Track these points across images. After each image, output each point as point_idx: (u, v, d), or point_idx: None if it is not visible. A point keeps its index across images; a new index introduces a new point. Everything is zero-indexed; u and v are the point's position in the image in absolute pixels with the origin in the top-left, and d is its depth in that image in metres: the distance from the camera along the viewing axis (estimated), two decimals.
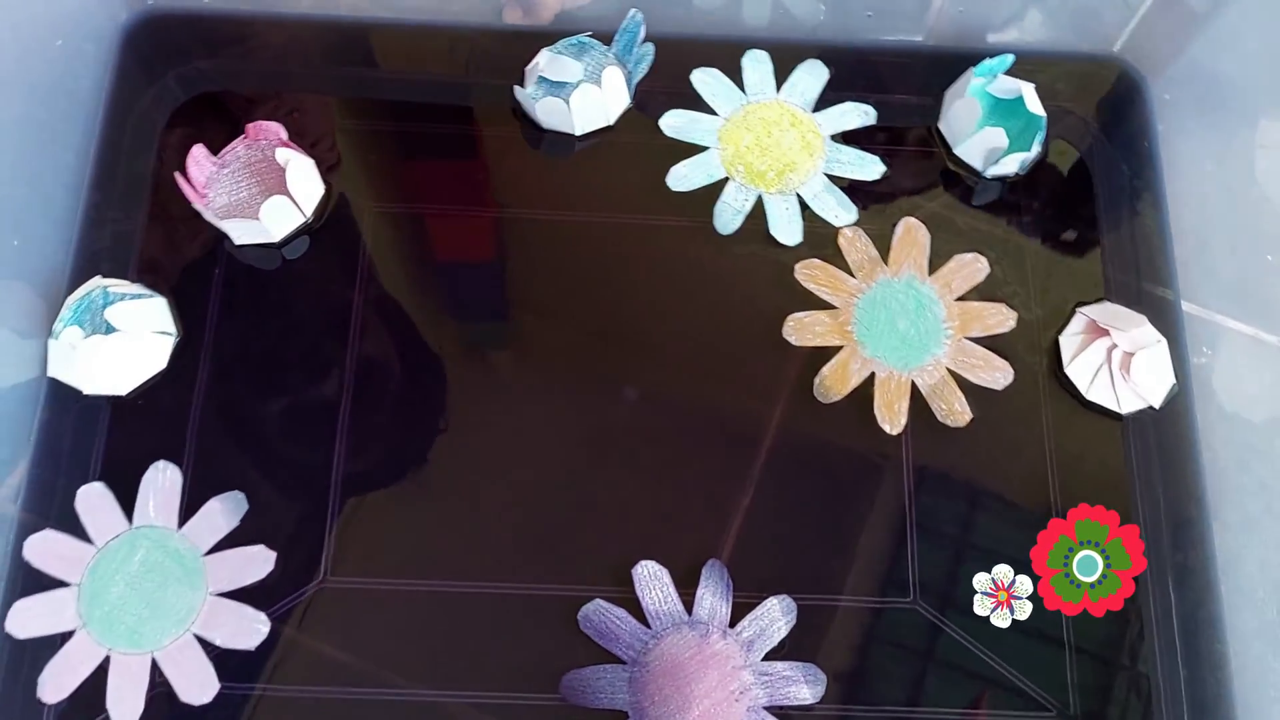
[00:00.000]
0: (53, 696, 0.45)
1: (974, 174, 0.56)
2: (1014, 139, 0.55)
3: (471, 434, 0.51)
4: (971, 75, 0.55)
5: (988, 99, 0.56)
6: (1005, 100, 0.56)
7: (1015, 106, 0.56)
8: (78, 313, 0.50)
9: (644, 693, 0.45)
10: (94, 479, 0.48)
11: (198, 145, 0.54)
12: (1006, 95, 0.55)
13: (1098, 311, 0.53)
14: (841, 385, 0.51)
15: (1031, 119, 0.55)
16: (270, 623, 0.46)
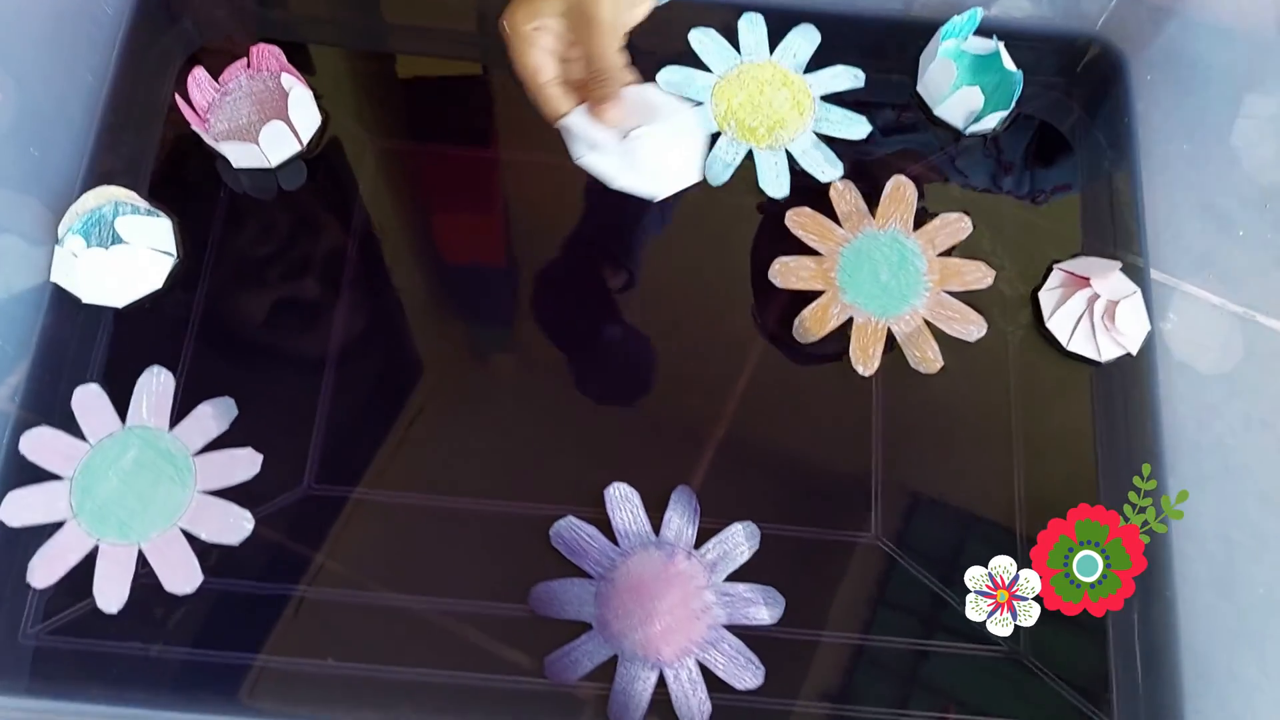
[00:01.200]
0: (42, 582, 0.47)
1: (954, 132, 0.59)
2: (990, 96, 0.58)
3: (456, 358, 0.53)
4: (940, 40, 0.58)
5: (963, 59, 0.59)
6: (981, 59, 0.59)
7: (990, 64, 0.59)
8: (86, 224, 0.53)
9: (608, 607, 0.48)
10: (90, 382, 0.51)
11: (198, 68, 0.57)
12: (982, 51, 0.59)
13: (1075, 264, 0.55)
14: (820, 327, 0.54)
15: (1006, 76, 0.58)
16: (255, 521, 0.48)
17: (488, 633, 0.48)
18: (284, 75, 0.56)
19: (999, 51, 0.58)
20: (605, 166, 0.45)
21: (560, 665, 0.47)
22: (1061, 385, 0.55)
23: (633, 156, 0.45)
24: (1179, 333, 0.55)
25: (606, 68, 0.43)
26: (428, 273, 0.55)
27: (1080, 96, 0.61)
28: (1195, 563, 0.51)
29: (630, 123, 0.44)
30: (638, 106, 0.44)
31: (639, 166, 0.45)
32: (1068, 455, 0.53)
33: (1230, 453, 0.51)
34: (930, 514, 0.51)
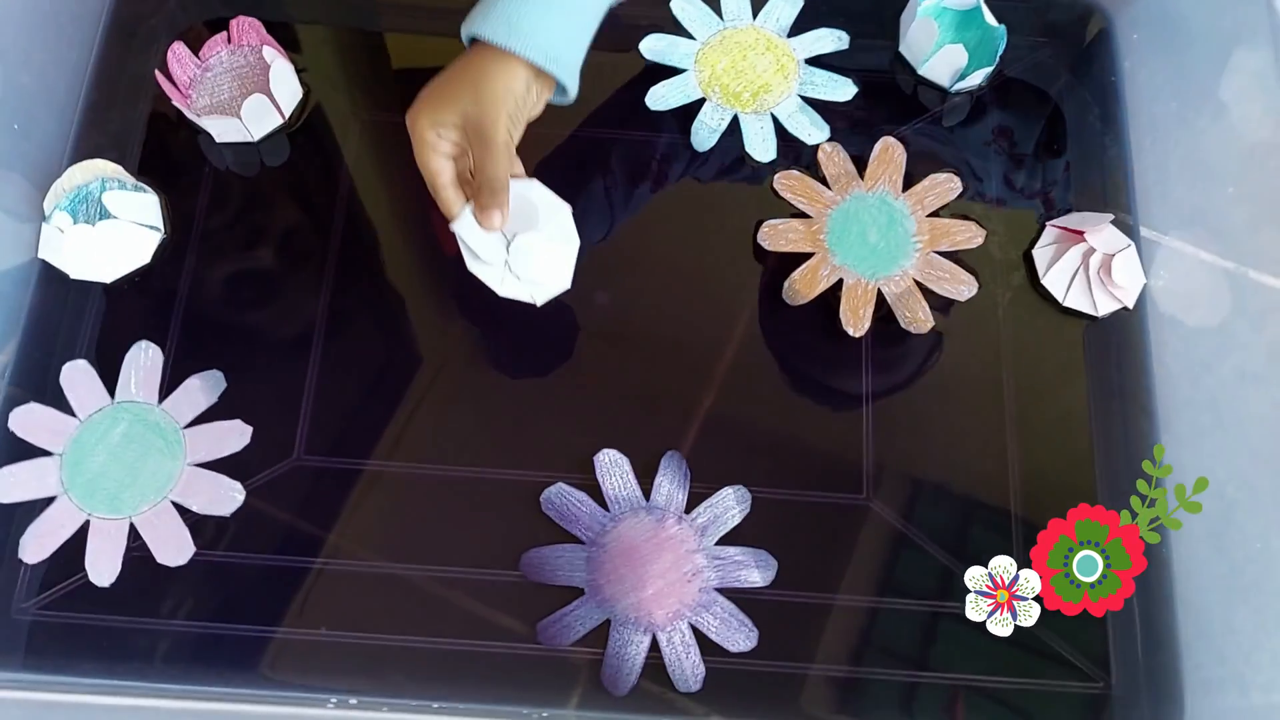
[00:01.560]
0: (34, 557, 0.48)
1: (940, 92, 0.59)
2: (974, 53, 0.58)
3: (444, 327, 0.54)
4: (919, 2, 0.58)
5: (945, 16, 0.59)
6: (962, 15, 0.60)
7: (972, 20, 0.59)
8: (73, 201, 0.53)
9: (600, 571, 0.48)
10: (78, 358, 0.51)
11: (178, 43, 0.57)
12: (962, 7, 0.59)
13: (1068, 220, 0.55)
14: (809, 289, 0.54)
15: (989, 31, 0.58)
16: (246, 491, 0.49)
17: (480, 599, 0.48)
18: (265, 48, 0.56)
19: (980, 6, 0.58)
20: (489, 276, 0.49)
21: (553, 630, 0.47)
22: (1052, 342, 0.55)
23: (513, 268, 0.49)
24: (1170, 289, 0.55)
25: (494, 180, 0.46)
26: (413, 243, 0.55)
27: (1067, 57, 0.61)
28: (1189, 519, 0.50)
29: (512, 226, 0.48)
30: (519, 208, 0.48)
31: (519, 276, 0.49)
32: (1060, 411, 0.53)
33: (1223, 407, 0.50)
34: (922, 474, 0.51)
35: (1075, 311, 0.55)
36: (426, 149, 0.45)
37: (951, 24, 0.60)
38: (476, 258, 0.48)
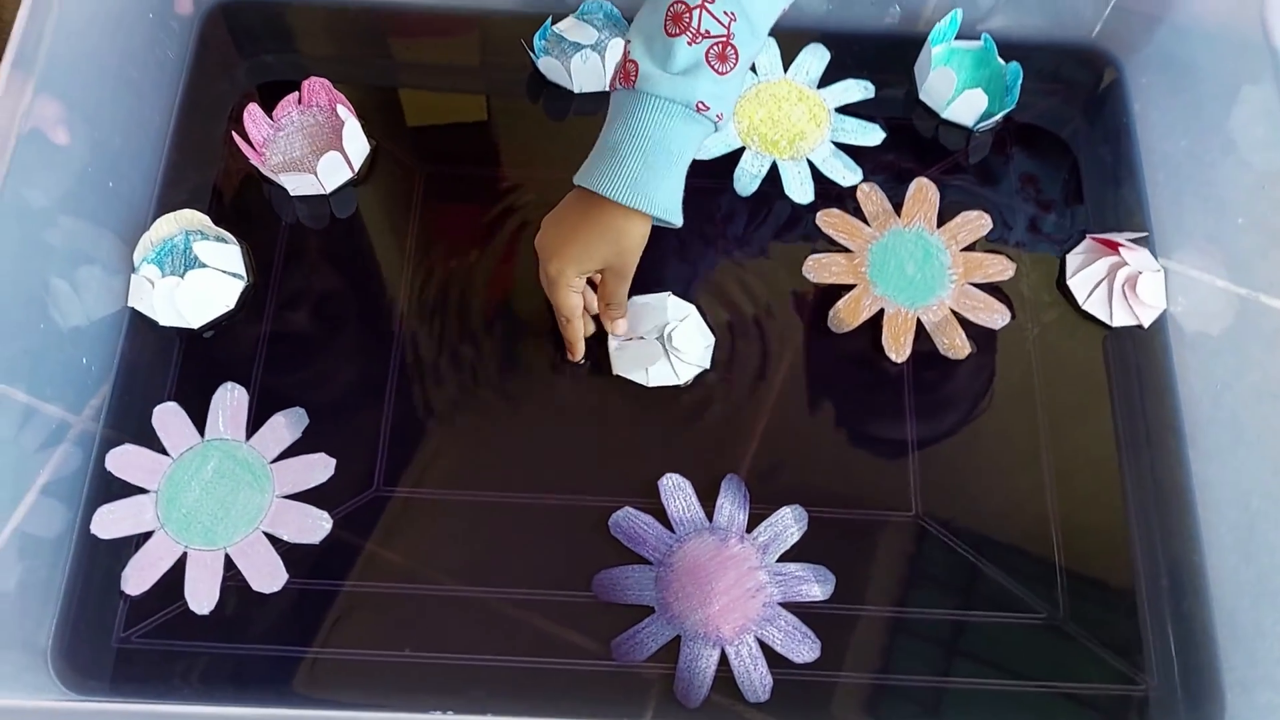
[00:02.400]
0: (136, 589, 0.51)
1: (964, 130, 0.64)
2: (990, 90, 0.64)
3: (513, 360, 0.58)
4: (931, 50, 0.64)
5: (957, 58, 0.65)
6: (975, 55, 0.65)
7: (985, 59, 0.65)
8: (160, 253, 0.57)
9: (669, 590, 0.51)
10: (168, 400, 0.55)
11: (253, 104, 0.61)
12: (972, 47, 0.65)
13: (1107, 235, 0.60)
14: (853, 318, 0.58)
15: (1002, 69, 0.64)
16: (333, 520, 0.52)
17: (555, 619, 0.51)
18: (339, 106, 0.61)
19: (990, 45, 0.64)
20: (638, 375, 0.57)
21: (626, 647, 0.51)
22: (1082, 364, 0.59)
23: (680, 353, 0.57)
24: (1189, 315, 0.59)
25: (622, 301, 0.55)
26: (478, 286, 0.60)
27: (1080, 101, 0.66)
28: (1218, 529, 0.54)
29: (644, 329, 0.57)
30: (652, 314, 0.57)
31: (685, 356, 0.57)
32: (1091, 427, 0.57)
33: (1243, 426, 0.54)
34: (966, 490, 0.55)
35: (1090, 317, 0.59)
36: (567, 292, 0.53)
37: (965, 63, 0.65)
38: (630, 364, 0.56)
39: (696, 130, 0.49)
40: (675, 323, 0.57)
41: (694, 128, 0.49)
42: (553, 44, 0.66)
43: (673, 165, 0.49)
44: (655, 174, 0.49)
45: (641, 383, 0.56)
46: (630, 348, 0.56)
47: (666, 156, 0.49)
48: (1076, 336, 0.60)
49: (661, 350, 0.56)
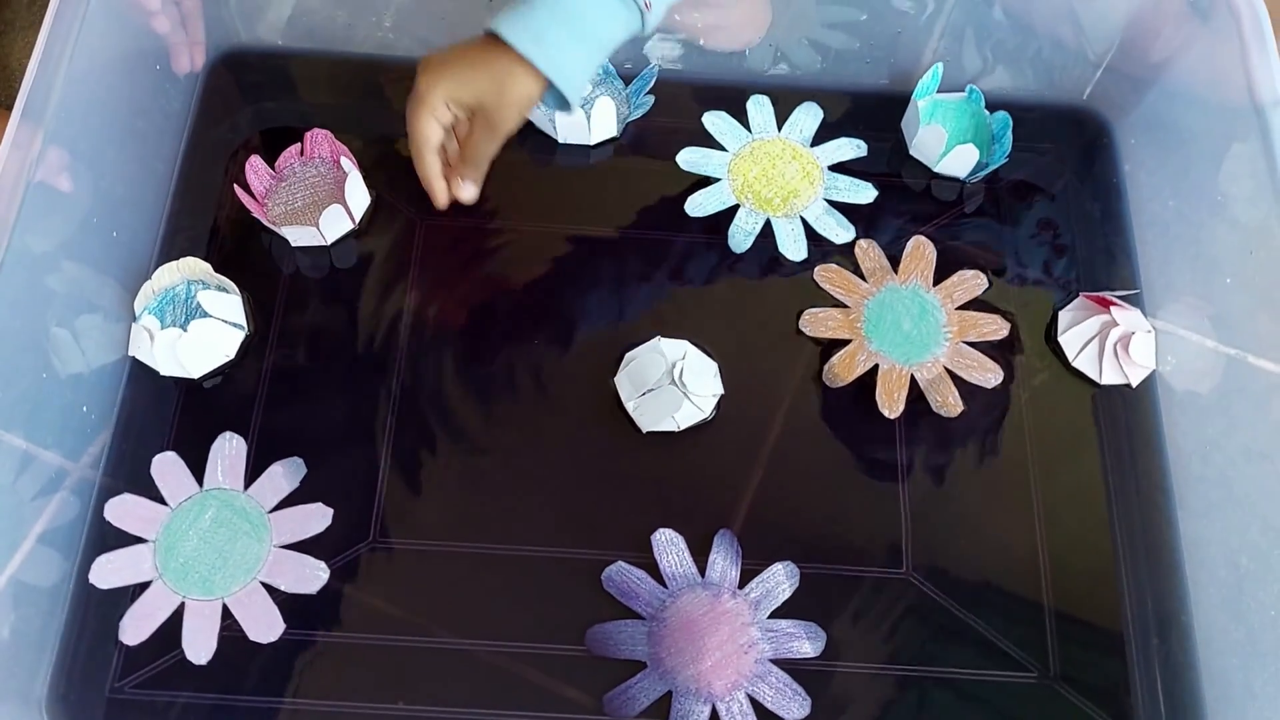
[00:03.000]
0: (133, 639, 0.52)
1: (955, 180, 0.67)
2: (979, 140, 0.67)
3: (507, 414, 0.59)
4: (917, 105, 0.66)
5: (944, 110, 0.68)
6: (963, 106, 0.68)
7: (972, 108, 0.68)
8: (161, 302, 0.59)
9: (661, 645, 0.52)
10: (167, 449, 0.56)
11: (254, 156, 0.63)
12: (956, 99, 0.67)
13: (1100, 294, 0.62)
14: (848, 373, 0.60)
15: (989, 119, 0.67)
16: (330, 570, 0.53)
17: (548, 673, 0.52)
18: (343, 159, 0.63)
19: (978, 95, 0.67)
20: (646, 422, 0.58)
21: (618, 702, 0.51)
22: (1071, 424, 0.60)
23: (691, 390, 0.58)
24: (1178, 374, 0.60)
25: (484, 159, 0.54)
26: (475, 338, 0.61)
27: (1071, 161, 0.68)
28: (1207, 589, 0.55)
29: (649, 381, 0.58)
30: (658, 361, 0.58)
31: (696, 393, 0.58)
32: (1081, 487, 0.59)
33: (1232, 484, 0.56)
34: (957, 547, 0.56)
35: (1079, 374, 0.61)
36: (428, 114, 0.52)
37: (950, 115, 0.68)
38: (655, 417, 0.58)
39: (620, 12, 0.50)
40: (678, 362, 0.58)
41: (618, 8, 0.49)
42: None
43: (585, 38, 0.50)
44: (563, 37, 0.49)
45: (672, 430, 0.57)
46: (649, 401, 0.57)
47: (580, 24, 0.49)
48: (1066, 394, 0.61)
49: (680, 394, 0.57)
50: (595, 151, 0.67)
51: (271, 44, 0.69)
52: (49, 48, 0.54)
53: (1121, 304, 0.61)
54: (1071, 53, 0.67)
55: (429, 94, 0.51)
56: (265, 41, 0.69)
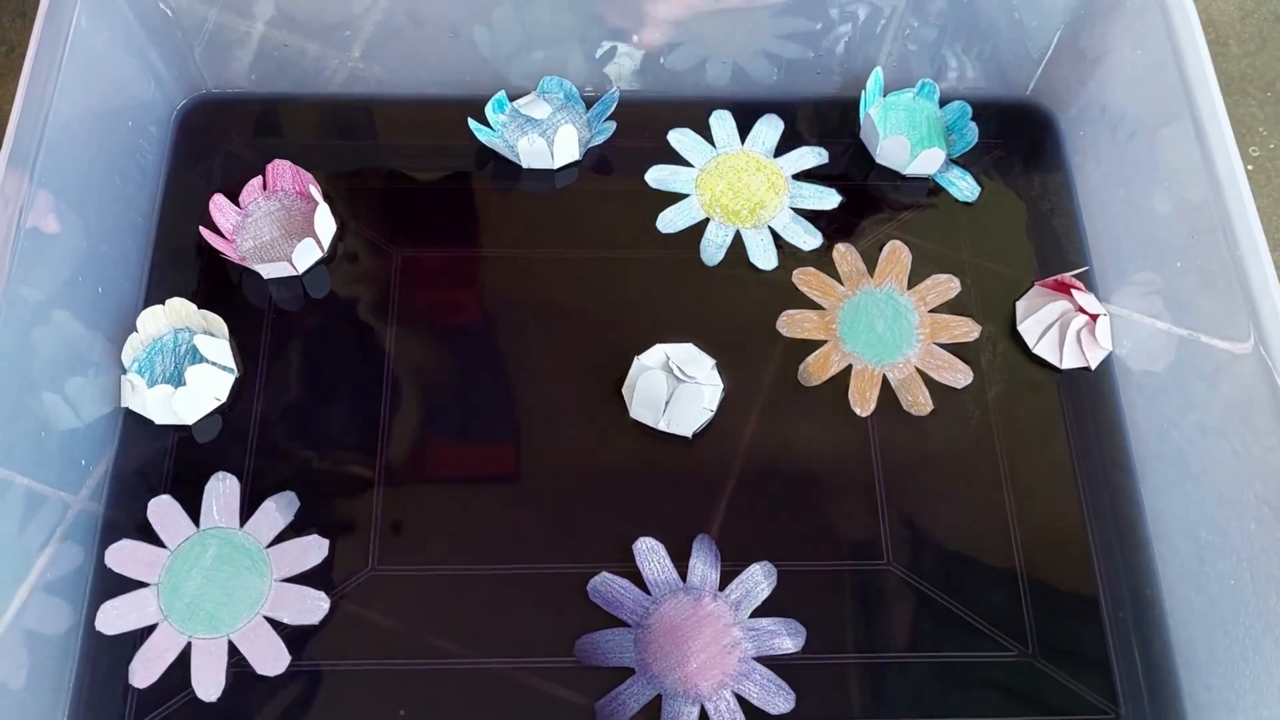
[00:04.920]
0: (143, 681, 0.56)
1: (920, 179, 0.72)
2: (935, 139, 0.72)
3: (491, 442, 0.63)
4: (870, 117, 0.71)
5: (899, 117, 0.72)
6: (907, 106, 0.73)
7: (922, 105, 0.72)
8: (150, 353, 0.63)
9: (647, 651, 0.56)
10: (162, 493, 0.60)
11: (217, 195, 0.68)
12: (906, 97, 0.73)
13: (1056, 277, 0.67)
14: (821, 372, 0.65)
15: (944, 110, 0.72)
16: (330, 600, 0.57)
17: (542, 684, 0.56)
18: (311, 186, 0.67)
19: (930, 88, 0.72)
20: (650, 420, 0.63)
21: (610, 709, 0.56)
22: (1037, 409, 0.65)
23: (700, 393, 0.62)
24: (1134, 355, 0.65)
25: None
26: (456, 366, 0.65)
27: (1019, 156, 0.73)
28: (1170, 562, 0.60)
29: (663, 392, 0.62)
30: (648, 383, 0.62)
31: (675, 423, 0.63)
32: (1049, 470, 0.63)
33: (1189, 460, 0.60)
34: (935, 536, 0.61)
35: (1040, 360, 0.66)
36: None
37: (904, 115, 0.73)
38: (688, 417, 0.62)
39: None
40: (668, 359, 0.63)
41: None
42: (509, 119, 0.72)
43: None
44: None
45: (709, 418, 0.62)
46: (676, 409, 0.61)
47: None
48: (1030, 380, 0.66)
49: (699, 387, 0.62)
50: (560, 176, 0.71)
51: (240, 89, 0.73)
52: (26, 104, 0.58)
53: (1079, 285, 0.65)
54: (1014, 49, 0.72)
55: None
56: (234, 86, 0.73)
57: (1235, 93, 0.78)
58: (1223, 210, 0.59)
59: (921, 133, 0.72)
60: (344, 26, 0.70)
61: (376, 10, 0.71)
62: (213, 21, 0.69)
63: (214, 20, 0.69)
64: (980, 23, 0.71)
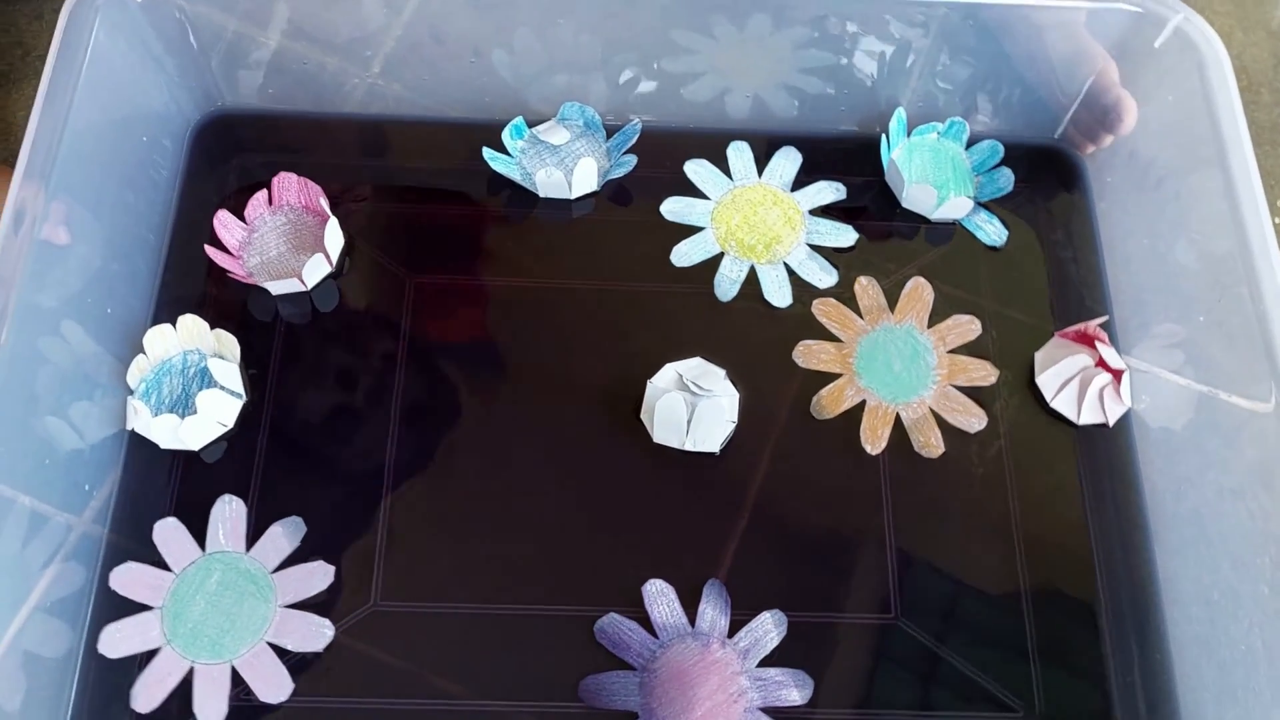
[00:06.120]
0: (145, 707, 0.57)
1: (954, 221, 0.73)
2: (962, 182, 0.73)
3: (501, 474, 0.64)
4: (894, 161, 0.71)
5: (923, 159, 0.73)
6: (933, 148, 0.74)
7: (946, 147, 0.74)
8: (159, 374, 0.64)
9: (652, 695, 0.57)
10: (168, 515, 0.61)
11: (222, 211, 0.69)
12: (929, 140, 0.74)
13: (1076, 328, 0.68)
14: (835, 406, 0.66)
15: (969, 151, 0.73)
16: (334, 628, 0.59)
17: None
18: (320, 199, 0.68)
19: (960, 127, 0.73)
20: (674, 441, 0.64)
21: None
22: (1052, 464, 0.66)
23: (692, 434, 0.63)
24: (1153, 411, 0.66)
25: None
26: (467, 394, 0.66)
27: (1044, 201, 0.74)
28: (1181, 625, 0.61)
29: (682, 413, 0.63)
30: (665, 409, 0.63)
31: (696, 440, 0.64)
32: (1062, 526, 0.64)
33: (1205, 521, 0.61)
34: (945, 592, 0.62)
35: (1057, 414, 0.66)
36: None
37: (929, 158, 0.74)
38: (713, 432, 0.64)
39: None
40: (680, 376, 0.64)
41: None
42: (528, 144, 0.73)
43: None
44: None
45: (733, 429, 0.64)
46: (699, 428, 0.63)
47: None
48: (1046, 434, 0.67)
49: (718, 400, 0.63)
50: (577, 205, 0.72)
51: (256, 105, 0.74)
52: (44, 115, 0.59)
53: (1103, 336, 0.66)
54: (1043, 93, 0.73)
55: None
56: (251, 101, 0.74)
57: (1265, 142, 0.79)
58: (1249, 265, 0.60)
59: (947, 175, 0.73)
60: (364, 43, 0.71)
61: (398, 26, 0.72)
62: (231, 34, 0.70)
63: (232, 33, 0.70)
64: (1009, 65, 0.72)
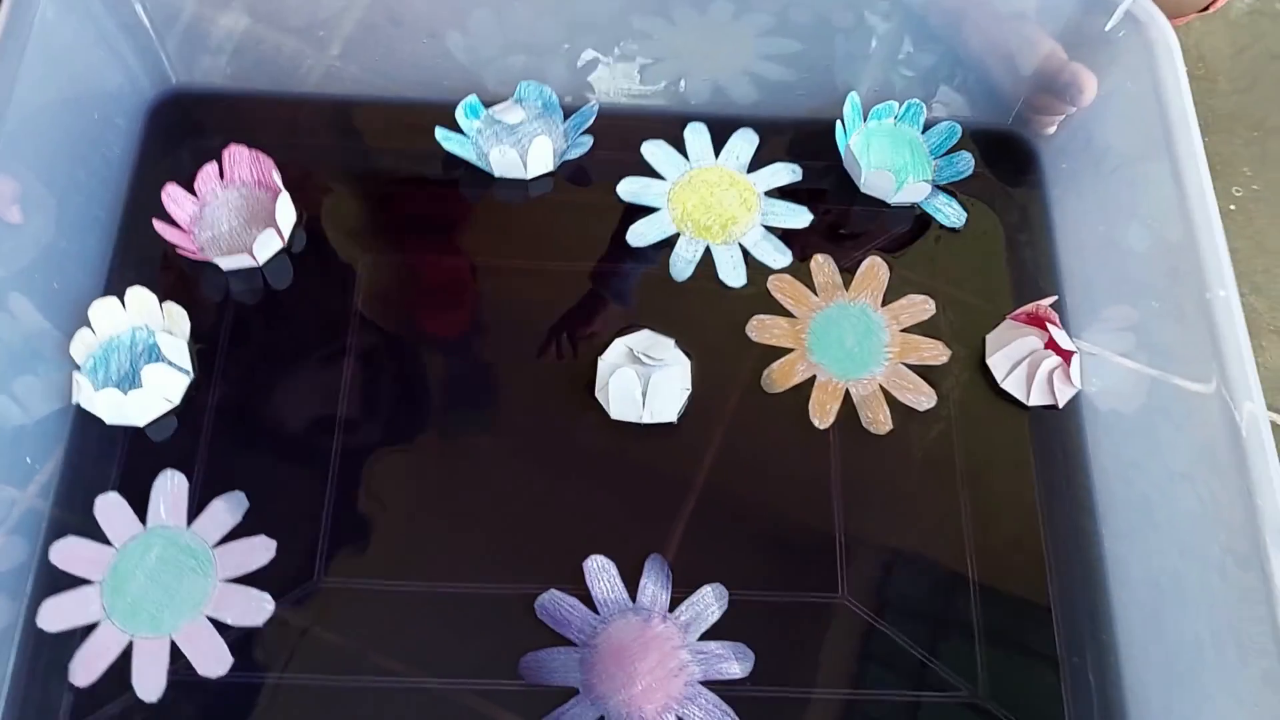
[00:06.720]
0: (83, 680, 0.57)
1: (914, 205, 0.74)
2: (919, 166, 0.74)
3: (451, 455, 0.65)
4: (851, 149, 0.72)
5: (881, 144, 0.74)
6: (890, 132, 0.75)
7: (904, 132, 0.74)
8: (106, 351, 0.65)
9: (593, 671, 0.58)
10: (111, 490, 0.62)
11: (170, 184, 0.69)
12: (886, 126, 0.75)
13: (1025, 309, 0.68)
14: (785, 380, 0.67)
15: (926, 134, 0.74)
16: (274, 603, 0.59)
17: (487, 703, 0.58)
18: (273, 173, 0.69)
19: (917, 109, 0.74)
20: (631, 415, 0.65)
21: None
22: (1001, 445, 0.67)
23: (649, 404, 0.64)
24: (1102, 395, 0.66)
25: None
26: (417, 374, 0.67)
27: (998, 186, 0.75)
28: (1129, 608, 0.61)
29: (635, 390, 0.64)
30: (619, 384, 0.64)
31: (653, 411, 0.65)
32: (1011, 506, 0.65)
33: (1153, 506, 0.61)
34: (891, 570, 0.62)
35: (1008, 395, 0.67)
36: None
37: (887, 143, 0.74)
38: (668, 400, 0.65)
39: None
40: (630, 350, 0.65)
41: None
42: (483, 124, 0.74)
43: None
44: None
45: (688, 396, 0.65)
46: (655, 399, 0.64)
47: None
48: (996, 415, 0.67)
49: (670, 369, 0.64)
50: (533, 185, 0.73)
51: (212, 84, 0.75)
52: None
53: (1054, 318, 0.67)
54: (996, 78, 0.74)
55: None
56: (207, 81, 0.75)
57: (1222, 130, 0.80)
58: (1194, 251, 0.60)
59: (905, 159, 0.74)
60: (322, 24, 0.72)
61: (356, 8, 0.72)
62: (187, 13, 0.71)
63: (189, 12, 0.71)
64: (966, 50, 0.72)
